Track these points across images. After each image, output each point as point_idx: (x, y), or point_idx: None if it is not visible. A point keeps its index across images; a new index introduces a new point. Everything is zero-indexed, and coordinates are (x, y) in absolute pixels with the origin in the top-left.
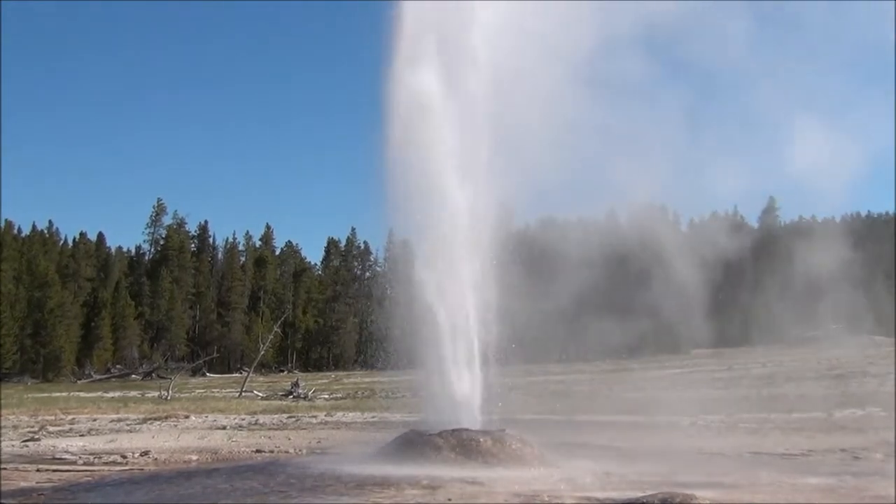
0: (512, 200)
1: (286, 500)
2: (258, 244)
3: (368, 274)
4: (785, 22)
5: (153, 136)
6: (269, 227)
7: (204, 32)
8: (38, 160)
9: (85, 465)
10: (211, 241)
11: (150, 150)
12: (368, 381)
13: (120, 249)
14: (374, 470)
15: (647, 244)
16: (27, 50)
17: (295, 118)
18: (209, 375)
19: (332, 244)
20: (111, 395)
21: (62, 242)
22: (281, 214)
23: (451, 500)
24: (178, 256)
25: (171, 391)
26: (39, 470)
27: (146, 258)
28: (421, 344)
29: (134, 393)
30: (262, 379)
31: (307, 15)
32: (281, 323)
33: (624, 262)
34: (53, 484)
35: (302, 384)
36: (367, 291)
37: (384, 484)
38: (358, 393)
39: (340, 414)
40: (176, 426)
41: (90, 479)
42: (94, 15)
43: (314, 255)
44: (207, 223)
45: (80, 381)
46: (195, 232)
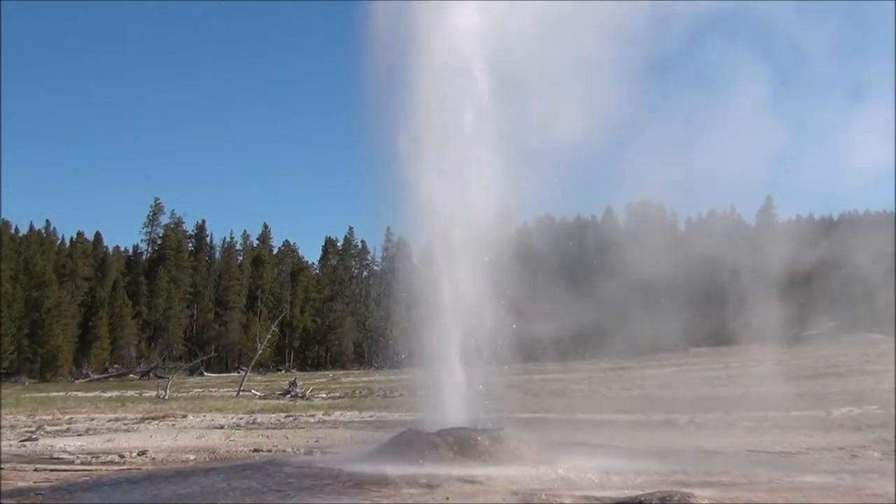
0: (510, 198)
1: (284, 499)
2: (255, 243)
3: (366, 273)
4: None
5: (151, 135)
6: (266, 226)
7: (201, 32)
8: (35, 160)
9: (82, 464)
10: (208, 240)
11: (147, 149)
12: (366, 380)
13: (117, 249)
14: (371, 469)
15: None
16: (25, 49)
17: (292, 117)
18: (207, 375)
19: (329, 243)
20: (109, 394)
21: (59, 242)
22: (278, 214)
23: (448, 498)
24: (175, 256)
25: (168, 390)
26: (37, 470)
27: (143, 258)
28: (419, 343)
29: (131, 392)
30: (259, 378)
31: (305, 14)
32: (278, 322)
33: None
34: (51, 484)
35: (299, 383)
36: (365, 290)
37: (382, 483)
38: (355, 392)
39: (338, 413)
40: (174, 426)
41: (88, 478)
42: (91, 14)
43: (312, 254)
44: (205, 222)
45: (77, 380)
46: (192, 231)
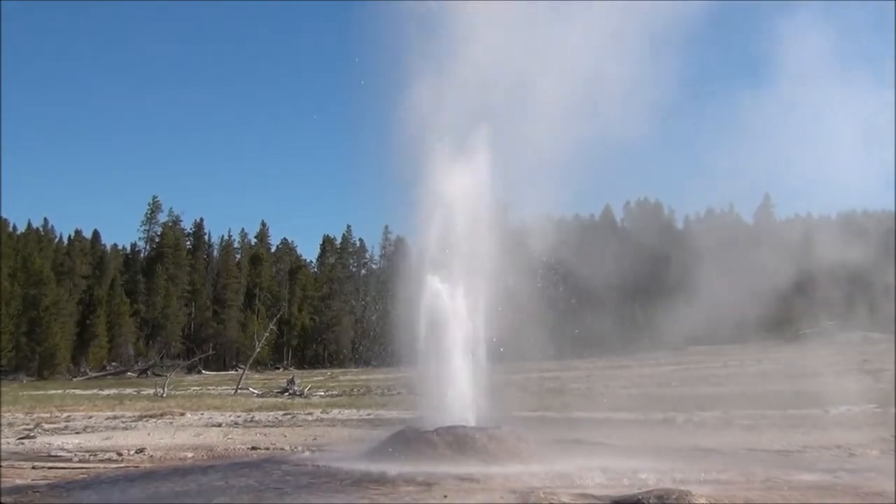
0: (509, 197)
1: (282, 497)
2: (254, 241)
3: (364, 271)
4: None
5: (149, 133)
6: (264, 224)
7: (200, 31)
8: (33, 158)
9: (80, 462)
10: (206, 238)
11: (145, 147)
12: (364, 378)
13: (115, 247)
14: (369, 467)
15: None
16: (23, 48)
17: (291, 116)
18: (205, 373)
19: (327, 241)
20: (107, 392)
21: (57, 240)
22: (276, 212)
23: (446, 497)
24: (173, 254)
25: (166, 388)
26: (35, 467)
27: (142, 256)
28: (417, 341)
29: (129, 390)
30: (257, 376)
31: (304, 13)
32: (276, 320)
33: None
34: (49, 481)
35: (297, 381)
36: (363, 289)
37: (380, 481)
38: (353, 390)
39: (336, 411)
40: (171, 423)
41: (86, 476)
42: (90, 13)
43: (310, 252)
44: (203, 220)
45: (75, 378)
46: (191, 229)
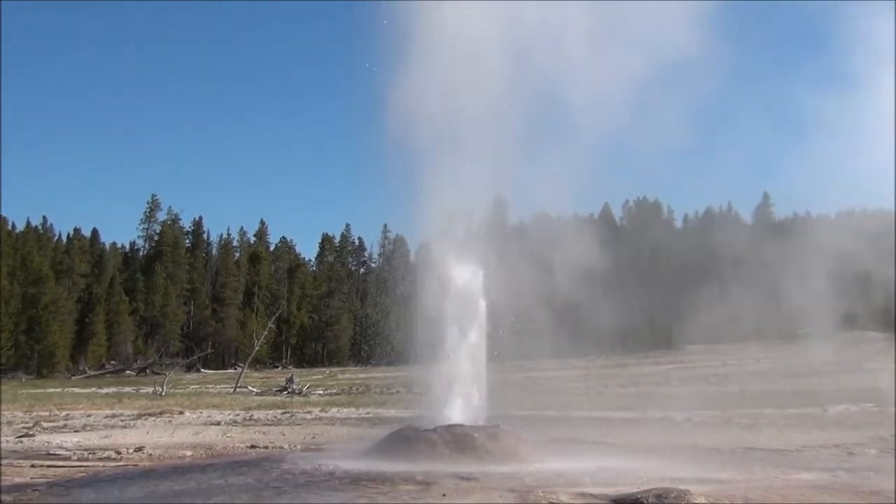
0: (507, 196)
1: (281, 495)
2: (253, 240)
3: (363, 270)
4: None
5: (148, 131)
6: (263, 222)
7: (199, 29)
8: (32, 156)
9: (79, 460)
10: (205, 236)
11: (144, 146)
12: (363, 377)
13: (114, 245)
14: (368, 466)
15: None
16: (22, 46)
17: (290, 114)
18: (203, 371)
19: (326, 240)
20: (105, 391)
21: (56, 238)
22: (275, 210)
23: (445, 495)
24: (172, 252)
25: (165, 387)
26: (34, 466)
27: (140, 254)
28: (417, 340)
29: (128, 389)
30: (256, 375)
31: (303, 12)
32: (275, 319)
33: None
34: (48, 480)
35: (296, 380)
36: (362, 288)
37: (379, 480)
38: (352, 389)
39: (335, 410)
40: (170, 422)
41: (84, 474)
42: (89, 12)
43: (309, 251)
44: (202, 219)
45: (74, 377)
46: (189, 228)
